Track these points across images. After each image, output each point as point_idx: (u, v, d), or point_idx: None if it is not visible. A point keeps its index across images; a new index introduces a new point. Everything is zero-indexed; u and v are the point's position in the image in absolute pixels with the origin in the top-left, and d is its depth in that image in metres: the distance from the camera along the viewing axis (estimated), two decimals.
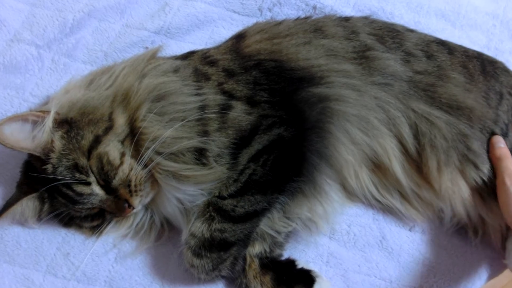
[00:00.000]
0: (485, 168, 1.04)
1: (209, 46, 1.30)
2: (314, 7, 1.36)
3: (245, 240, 0.96)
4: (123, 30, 1.29)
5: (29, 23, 1.24)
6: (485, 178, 1.04)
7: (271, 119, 0.97)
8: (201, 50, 1.14)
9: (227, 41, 1.16)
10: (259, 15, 1.36)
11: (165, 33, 1.30)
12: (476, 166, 1.04)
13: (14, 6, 1.25)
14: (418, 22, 1.40)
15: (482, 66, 1.12)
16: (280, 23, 1.15)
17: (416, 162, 1.04)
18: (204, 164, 0.94)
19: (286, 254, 1.06)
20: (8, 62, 1.18)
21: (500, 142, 1.05)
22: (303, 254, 1.08)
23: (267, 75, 1.02)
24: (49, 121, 0.90)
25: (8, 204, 0.97)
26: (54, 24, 1.24)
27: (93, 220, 1.00)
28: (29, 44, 1.22)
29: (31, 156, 0.96)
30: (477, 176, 1.04)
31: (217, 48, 1.13)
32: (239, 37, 1.13)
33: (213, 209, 0.93)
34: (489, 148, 1.06)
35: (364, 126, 1.01)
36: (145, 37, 1.28)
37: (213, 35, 1.33)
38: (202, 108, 0.95)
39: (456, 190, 1.03)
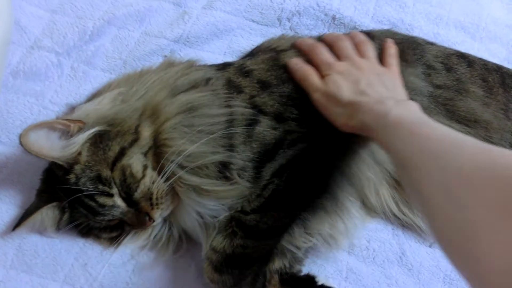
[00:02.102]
0: None
1: (227, 55, 1.30)
2: (333, 18, 1.35)
3: (267, 256, 0.95)
4: (142, 38, 1.28)
5: (50, 30, 1.24)
6: None
7: (296, 134, 0.96)
8: (238, 62, 1.13)
9: (265, 52, 1.14)
10: (278, 25, 1.35)
11: (184, 41, 1.30)
12: None
13: (34, 13, 1.25)
14: (437, 33, 1.39)
15: (501, 78, 1.11)
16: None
17: None
18: (226, 178, 0.93)
19: (304, 269, 1.05)
20: (28, 69, 1.18)
21: (296, 64, 1.02)
22: (322, 269, 1.06)
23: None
24: (85, 135, 0.89)
25: (28, 213, 0.97)
26: (74, 31, 1.24)
27: (111, 231, 1.00)
28: (49, 51, 1.21)
29: (53, 164, 0.95)
30: None
31: (254, 59, 1.11)
32: (279, 51, 1.11)
33: (236, 224, 0.92)
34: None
35: None
36: (164, 45, 1.27)
37: (231, 44, 1.32)
38: (230, 121, 0.94)
39: None
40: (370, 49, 1.05)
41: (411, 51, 1.09)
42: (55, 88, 1.18)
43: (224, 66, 1.09)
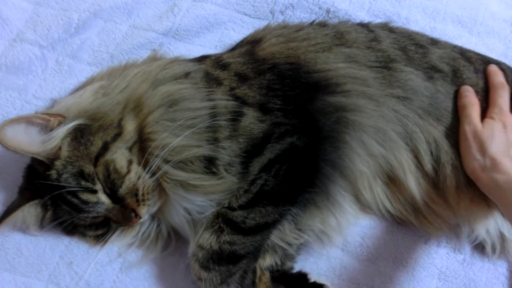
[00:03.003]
0: None
1: (218, 49, 1.27)
2: (328, 11, 1.32)
3: (255, 253, 0.93)
4: (130, 31, 1.25)
5: (33, 22, 1.20)
6: None
7: (284, 127, 0.93)
8: (215, 55, 1.10)
9: (242, 45, 1.13)
10: (271, 18, 1.32)
11: (174, 34, 1.26)
12: None
13: (17, 5, 1.21)
14: (434, 28, 1.36)
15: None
16: (300, 29, 1.11)
17: (432, 179, 1.01)
18: (213, 173, 0.90)
19: (297, 266, 1.03)
20: (11, 62, 1.15)
21: (466, 91, 1.02)
22: (315, 266, 1.04)
23: (281, 78, 0.98)
24: (64, 128, 0.86)
25: (9, 210, 0.94)
26: (59, 23, 1.20)
27: (97, 228, 0.97)
28: (33, 44, 1.18)
29: (34, 160, 0.92)
30: None
31: (231, 52, 1.10)
32: (255, 42, 1.09)
33: (223, 220, 0.89)
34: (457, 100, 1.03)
35: (380, 138, 0.98)
36: (153, 38, 1.24)
37: (223, 37, 1.29)
38: (213, 115, 0.91)
39: (476, 210, 1.00)
40: None
41: (413, 49, 1.07)
42: (39, 82, 1.15)
43: (201, 59, 1.07)
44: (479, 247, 1.08)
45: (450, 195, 0.99)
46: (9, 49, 1.16)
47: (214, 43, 1.28)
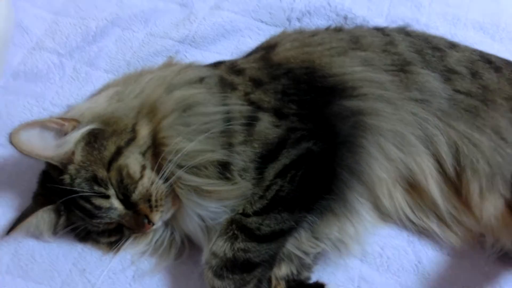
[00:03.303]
0: None
1: (235, 56, 1.27)
2: (345, 18, 1.32)
3: (270, 261, 0.90)
4: (147, 39, 1.26)
5: (52, 31, 1.23)
6: None
7: (299, 132, 0.91)
8: (229, 60, 1.10)
9: (256, 51, 1.12)
10: (288, 25, 1.32)
11: (190, 42, 1.27)
12: None
13: (37, 14, 1.25)
14: (454, 34, 1.34)
15: None
16: (314, 34, 1.10)
17: (455, 184, 0.97)
18: (228, 179, 0.89)
19: (314, 277, 1.00)
20: (29, 70, 1.17)
21: None
22: (333, 277, 1.01)
23: (296, 83, 0.97)
24: (78, 133, 0.86)
25: (23, 216, 0.94)
26: (77, 32, 1.23)
27: (110, 235, 0.96)
28: (51, 52, 1.20)
29: (48, 165, 0.92)
30: None
31: (245, 58, 1.10)
32: (270, 47, 1.08)
33: (237, 227, 0.87)
34: None
35: (399, 142, 0.95)
36: (169, 46, 1.25)
37: (239, 45, 1.30)
38: (228, 119, 0.90)
39: (501, 218, 0.96)
40: None
41: (430, 52, 1.04)
42: (56, 90, 1.16)
43: (215, 65, 1.07)
44: (506, 259, 1.03)
45: (473, 202, 0.96)
46: (28, 57, 1.19)
47: (231, 50, 1.29)
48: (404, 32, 1.11)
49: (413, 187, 0.98)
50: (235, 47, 1.29)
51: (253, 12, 1.32)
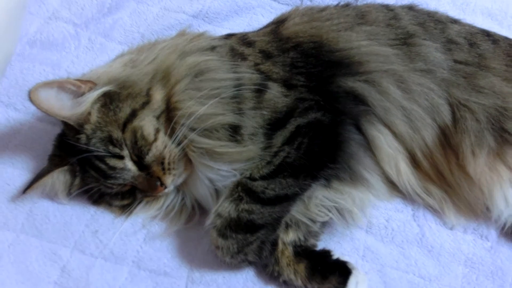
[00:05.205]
0: None
1: None
2: None
3: (274, 225, 0.92)
4: (161, 13, 1.28)
5: (68, 1, 1.25)
6: None
7: (308, 102, 0.94)
8: (240, 33, 1.12)
9: (267, 26, 1.14)
10: (299, 4, 1.33)
11: (203, 17, 1.28)
12: None
13: None
14: (463, 19, 1.33)
15: None
16: (323, 9, 1.12)
17: (455, 149, 0.99)
18: (238, 142, 0.91)
19: (320, 245, 1.02)
20: (46, 38, 1.19)
21: None
22: (338, 246, 1.03)
23: (305, 57, 0.99)
24: (95, 94, 0.88)
25: (39, 176, 0.96)
26: (93, 3, 1.25)
27: (123, 198, 0.98)
28: (67, 22, 1.22)
29: (65, 125, 0.94)
30: None
31: (256, 32, 1.11)
32: (279, 22, 1.10)
33: (242, 189, 0.90)
34: None
35: (405, 115, 0.97)
36: (183, 20, 1.27)
37: (251, 22, 1.31)
38: (238, 86, 0.92)
39: (495, 176, 0.97)
40: None
41: (432, 25, 1.06)
42: (71, 59, 1.18)
43: (227, 36, 1.09)
44: (509, 234, 1.05)
45: (467, 163, 0.97)
46: (44, 26, 1.20)
47: (243, 27, 1.30)
48: (408, 7, 1.13)
49: (420, 161, 1.00)
50: (247, 24, 1.31)
51: None
